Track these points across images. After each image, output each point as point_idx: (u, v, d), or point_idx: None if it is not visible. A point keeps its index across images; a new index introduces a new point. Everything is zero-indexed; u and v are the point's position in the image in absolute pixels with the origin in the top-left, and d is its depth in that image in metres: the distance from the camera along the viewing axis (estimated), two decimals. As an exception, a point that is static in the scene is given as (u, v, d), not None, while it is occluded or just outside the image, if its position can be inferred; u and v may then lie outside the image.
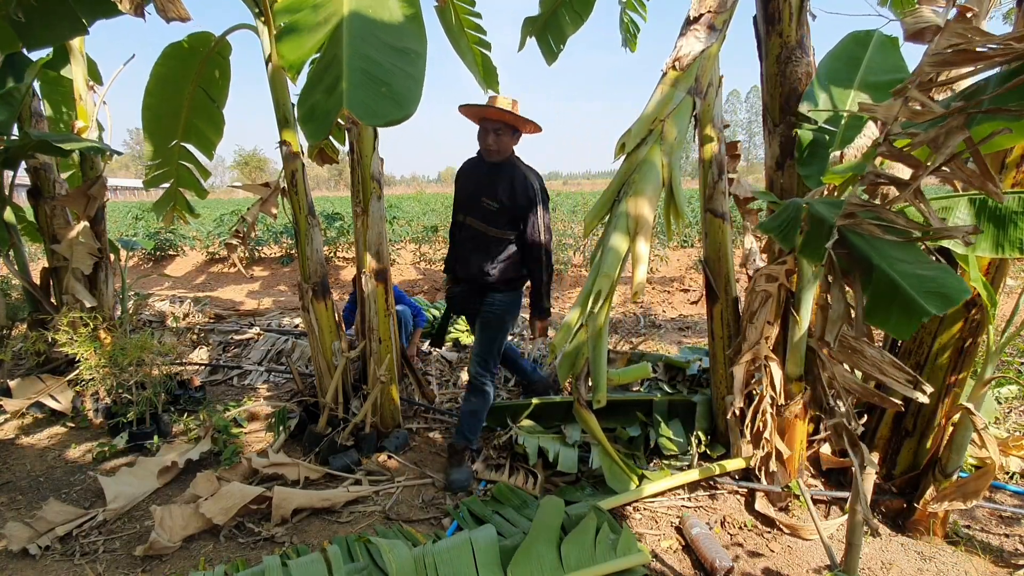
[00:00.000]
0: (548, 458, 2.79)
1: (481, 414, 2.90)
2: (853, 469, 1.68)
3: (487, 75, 4.14)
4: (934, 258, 1.47)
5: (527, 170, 2.81)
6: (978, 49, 1.33)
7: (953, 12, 1.41)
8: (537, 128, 2.77)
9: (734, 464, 2.65)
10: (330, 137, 3.43)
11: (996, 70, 1.40)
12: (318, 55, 2.06)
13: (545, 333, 2.97)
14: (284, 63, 2.00)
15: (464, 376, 4.27)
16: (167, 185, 4.13)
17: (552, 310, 2.96)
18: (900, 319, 1.33)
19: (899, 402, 1.45)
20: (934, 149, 1.34)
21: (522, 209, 2.75)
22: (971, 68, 1.38)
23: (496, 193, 2.75)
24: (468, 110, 2.75)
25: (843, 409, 1.53)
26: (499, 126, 2.71)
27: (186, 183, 4.15)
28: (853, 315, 1.49)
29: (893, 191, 1.68)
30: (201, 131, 3.84)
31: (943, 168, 1.36)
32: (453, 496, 2.68)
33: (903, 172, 1.62)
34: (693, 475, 2.63)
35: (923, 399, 1.36)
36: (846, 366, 1.51)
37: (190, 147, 3.92)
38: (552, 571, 1.99)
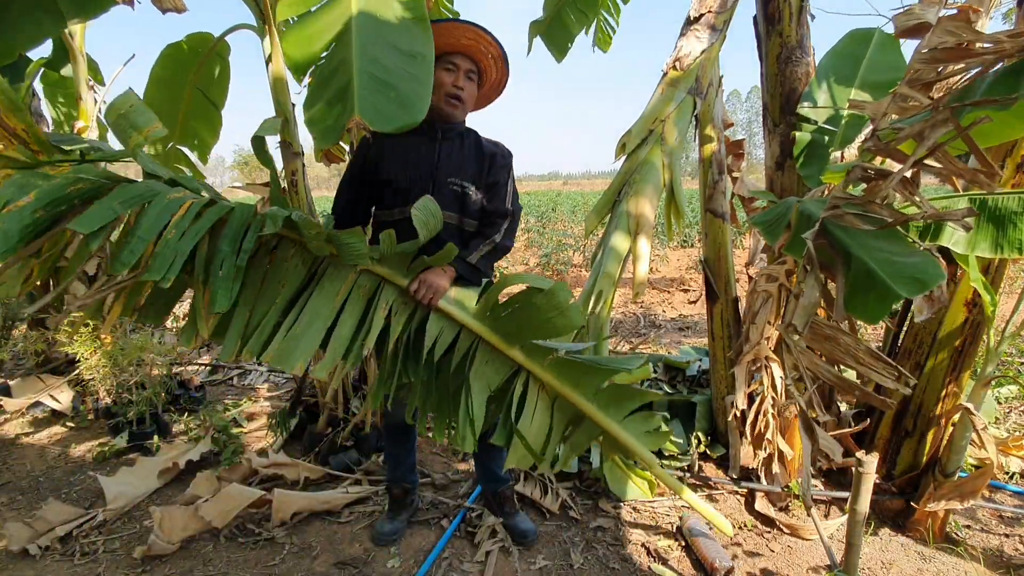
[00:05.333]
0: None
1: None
2: (843, 460, 1.68)
3: None
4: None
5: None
6: (968, 46, 1.33)
7: (946, 11, 1.42)
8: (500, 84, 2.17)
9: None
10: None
11: (999, 66, 1.40)
12: (324, 56, 2.05)
13: (432, 292, 1.77)
14: (289, 63, 1.98)
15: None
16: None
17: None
18: (874, 304, 1.33)
19: (885, 398, 1.44)
20: (919, 142, 1.34)
21: (498, 186, 2.05)
22: (962, 65, 1.38)
23: (467, 170, 2.00)
24: (447, 31, 1.98)
25: (803, 392, 1.51)
26: (474, 67, 2.05)
27: None
28: (832, 303, 1.48)
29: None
30: (197, 133, 3.80)
31: (933, 162, 1.35)
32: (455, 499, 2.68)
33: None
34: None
35: (905, 391, 1.35)
36: (823, 359, 1.50)
37: (185, 150, 3.89)
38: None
